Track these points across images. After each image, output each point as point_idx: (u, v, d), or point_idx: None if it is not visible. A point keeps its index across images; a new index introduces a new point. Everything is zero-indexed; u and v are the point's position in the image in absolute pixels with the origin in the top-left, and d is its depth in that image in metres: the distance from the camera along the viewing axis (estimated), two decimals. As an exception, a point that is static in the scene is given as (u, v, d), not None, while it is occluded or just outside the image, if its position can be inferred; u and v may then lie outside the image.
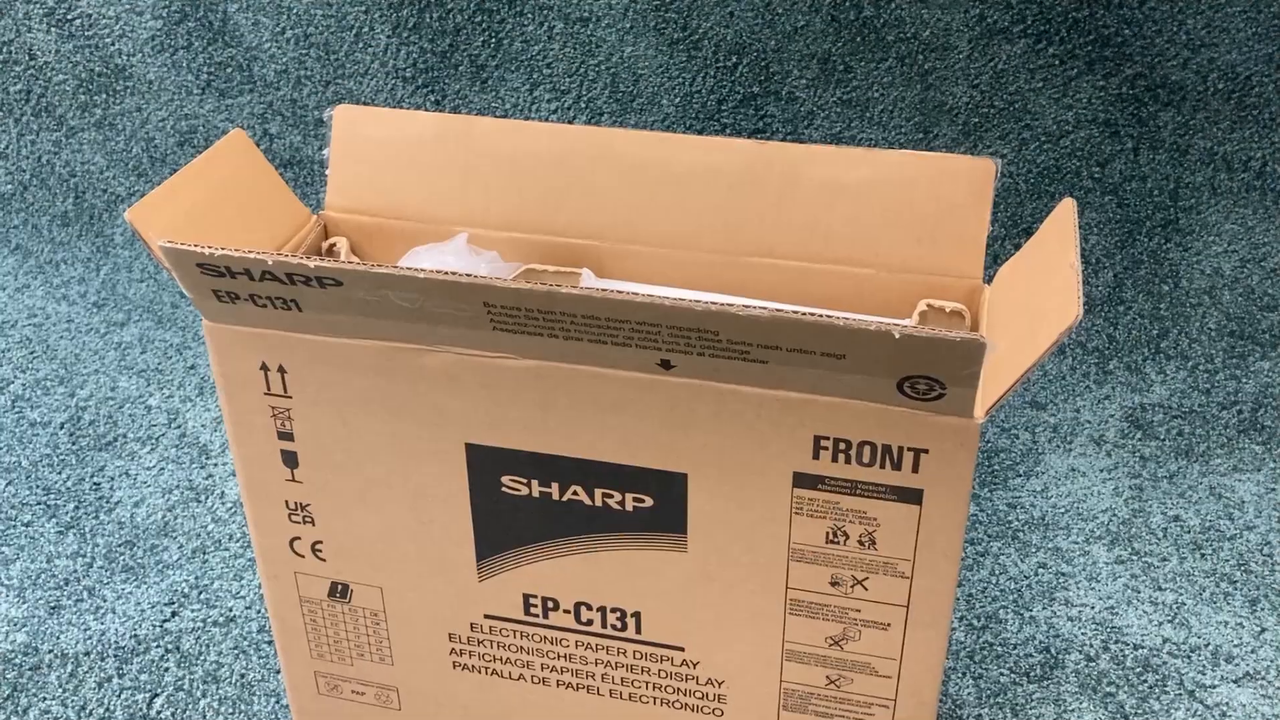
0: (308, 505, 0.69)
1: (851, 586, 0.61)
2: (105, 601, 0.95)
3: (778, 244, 0.67)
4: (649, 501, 0.62)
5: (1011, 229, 1.19)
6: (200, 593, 0.95)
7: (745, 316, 0.51)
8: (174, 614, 0.94)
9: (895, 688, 0.65)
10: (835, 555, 0.60)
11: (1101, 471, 1.03)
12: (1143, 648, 0.86)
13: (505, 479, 0.64)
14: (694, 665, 0.67)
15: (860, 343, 0.51)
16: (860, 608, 0.62)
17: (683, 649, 0.67)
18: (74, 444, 1.10)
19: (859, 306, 0.66)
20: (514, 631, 0.70)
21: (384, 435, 0.64)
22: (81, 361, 1.21)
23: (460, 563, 0.68)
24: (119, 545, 1.00)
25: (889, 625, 0.62)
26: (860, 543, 0.60)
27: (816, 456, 0.58)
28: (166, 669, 0.89)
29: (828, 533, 0.60)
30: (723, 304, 0.52)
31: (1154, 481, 1.01)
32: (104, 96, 1.36)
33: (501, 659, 0.71)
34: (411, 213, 0.73)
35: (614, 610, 0.67)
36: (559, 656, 0.70)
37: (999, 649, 0.86)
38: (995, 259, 0.64)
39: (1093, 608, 0.89)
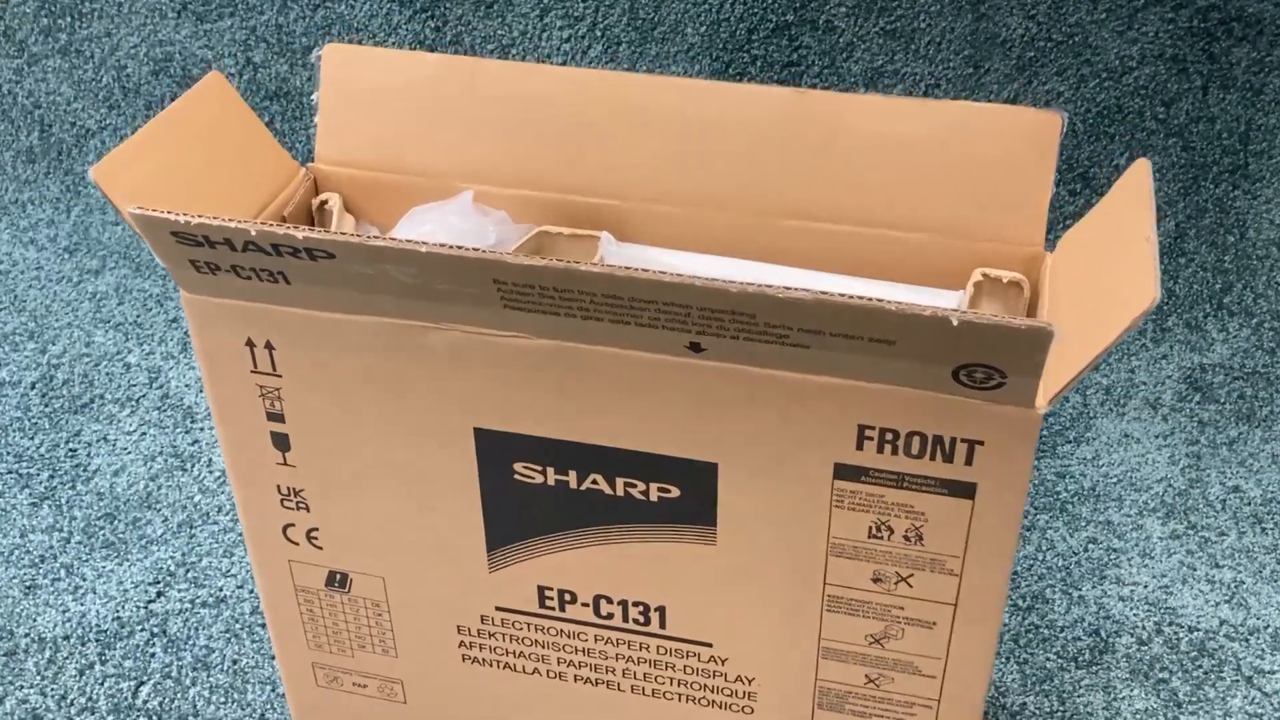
0: (301, 490, 0.67)
1: (895, 583, 0.60)
2: (85, 581, 0.94)
3: (818, 205, 0.64)
4: (675, 492, 0.60)
5: (1066, 174, 1.16)
6: (187, 571, 0.94)
7: (786, 299, 0.49)
8: (159, 594, 0.93)
9: (939, 687, 0.63)
10: (878, 551, 0.59)
11: (1157, 438, 1.01)
12: (1198, 630, 0.85)
13: (518, 466, 0.62)
14: (722, 662, 0.66)
15: (913, 329, 0.49)
16: (904, 605, 0.60)
17: (710, 645, 0.66)
18: (46, 406, 1.08)
19: (907, 275, 0.64)
20: (528, 624, 0.68)
21: (384, 418, 0.62)
22: (52, 314, 1.19)
23: (469, 553, 0.66)
24: (98, 518, 0.99)
25: (935, 624, 0.61)
26: (906, 538, 0.58)
27: (860, 447, 0.56)
28: (153, 654, 0.88)
29: (870, 527, 0.58)
30: (760, 285, 0.49)
31: (1213, 449, 0.99)
32: (69, 20, 1.33)
33: (515, 652, 0.70)
34: (411, 166, 0.70)
35: (636, 604, 0.65)
36: (577, 651, 0.69)
37: (1045, 632, 0.84)
38: (1050, 210, 0.61)
39: (1145, 586, 0.88)
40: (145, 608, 0.92)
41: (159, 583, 0.94)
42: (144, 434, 1.05)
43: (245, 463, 0.67)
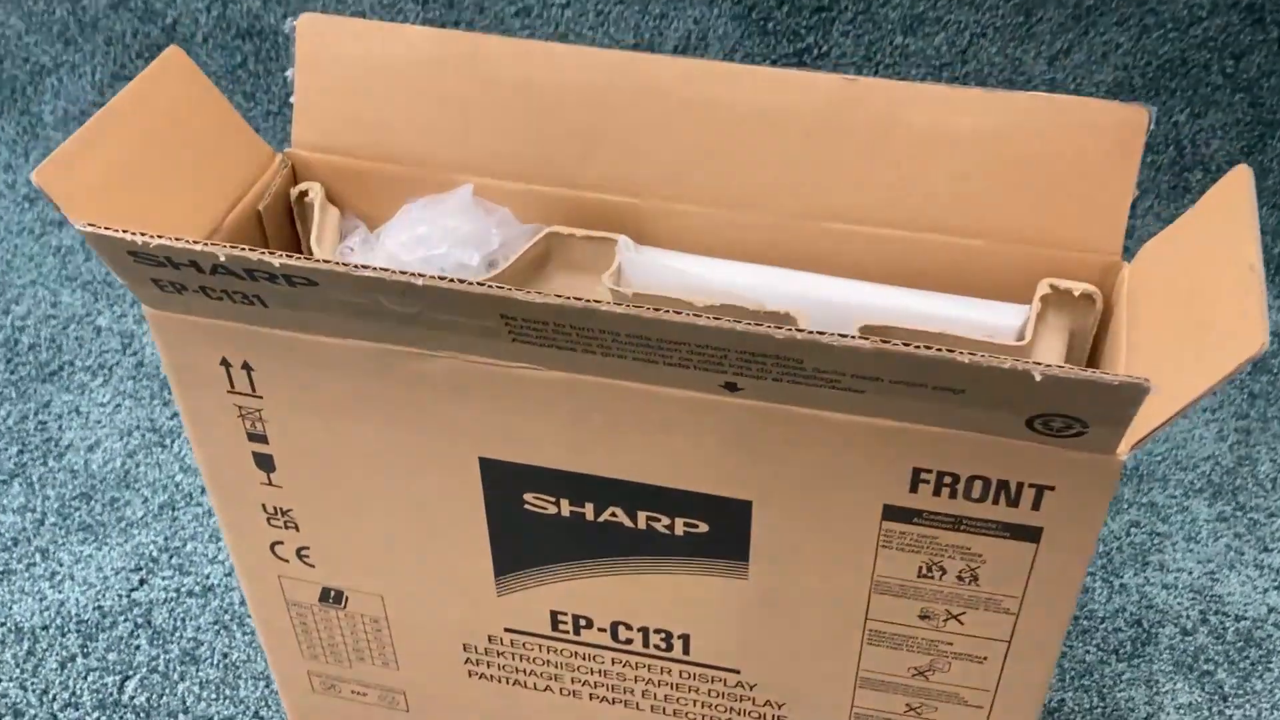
0: (289, 510, 0.61)
1: (944, 620, 0.54)
2: (62, 566, 0.88)
3: (866, 207, 0.57)
4: (703, 527, 0.54)
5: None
6: (171, 556, 0.88)
7: (841, 348, 0.42)
8: (142, 581, 0.87)
9: (986, 717, 0.58)
10: (928, 590, 0.53)
11: (1204, 412, 0.95)
12: (1245, 619, 0.80)
13: (528, 497, 0.56)
14: (750, 687, 0.61)
15: (987, 379, 0.42)
16: (953, 641, 0.55)
17: (738, 671, 0.60)
18: (12, 374, 1.01)
19: (965, 285, 0.57)
20: (540, 646, 0.63)
21: (378, 443, 0.56)
22: (14, 270, 1.10)
23: (474, 577, 0.60)
24: (73, 498, 0.92)
25: (985, 658, 0.55)
26: (960, 579, 0.52)
27: (914, 489, 0.49)
28: (138, 646, 0.83)
29: (920, 567, 0.52)
30: (810, 333, 0.42)
31: (1263, 424, 0.93)
32: (19, -58, 1.22)
33: (525, 670, 0.65)
34: (402, 155, 0.62)
35: (659, 631, 0.60)
36: (593, 672, 0.63)
37: (1085, 623, 0.80)
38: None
39: (1190, 573, 0.83)
40: (128, 596, 0.86)
41: (141, 569, 0.88)
42: (119, 406, 0.98)
43: (225, 481, 0.60)
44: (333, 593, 0.65)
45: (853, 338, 0.42)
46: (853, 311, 0.56)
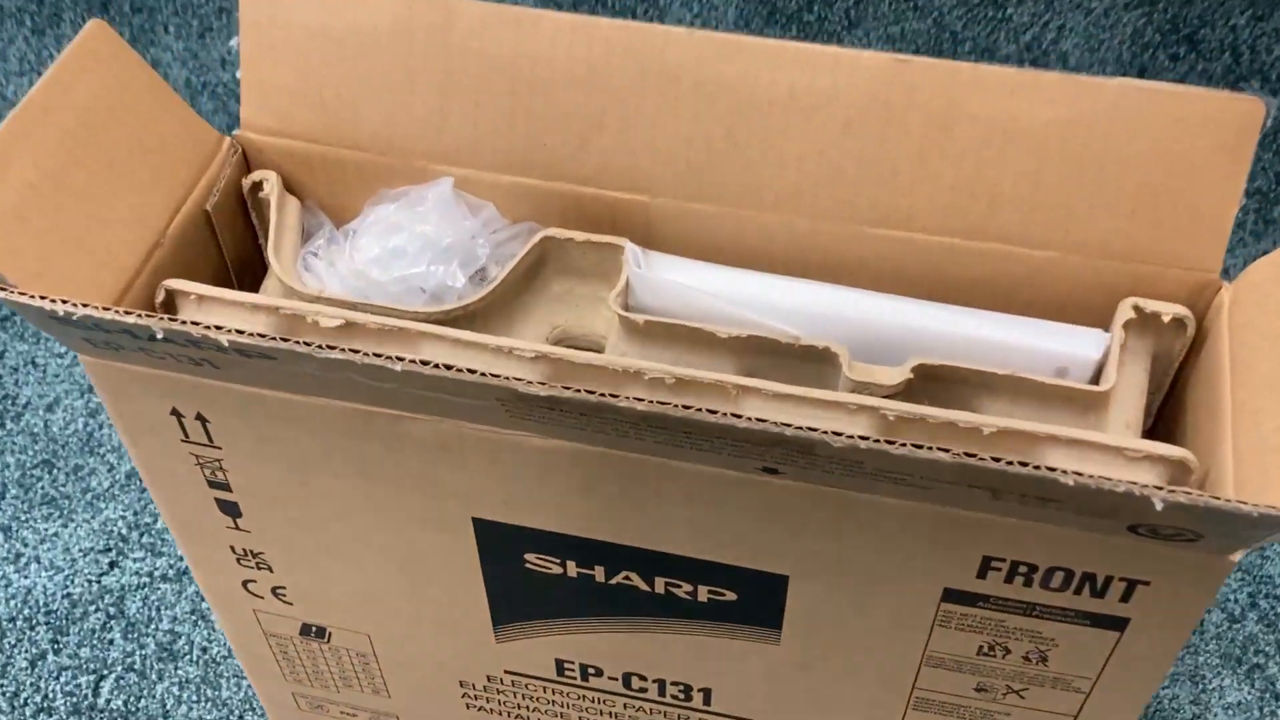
0: (260, 553, 0.53)
1: (1003, 694, 0.47)
2: (26, 547, 0.81)
3: (918, 211, 0.48)
4: (731, 596, 0.47)
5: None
6: (141, 535, 0.81)
7: (916, 459, 0.34)
8: (112, 564, 0.80)
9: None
10: (987, 666, 0.46)
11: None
12: (1300, 606, 0.74)
13: (530, 557, 0.48)
14: (777, 734, 0.55)
15: (1093, 498, 0.34)
16: (1010, 713, 0.48)
17: (763, 721, 0.54)
18: (-37, 329, 0.92)
19: (1033, 303, 0.48)
20: (544, 688, 0.56)
21: (356, 497, 0.48)
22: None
23: (471, 625, 0.53)
24: (35, 466, 0.85)
25: (1045, 725, 0.49)
26: (1026, 659, 0.45)
27: (982, 576, 0.42)
28: (111, 641, 0.77)
29: (981, 646, 0.45)
30: (878, 443, 0.34)
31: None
32: None
33: (528, 708, 0.58)
34: (369, 141, 0.53)
35: (676, 684, 0.53)
36: (603, 714, 0.57)
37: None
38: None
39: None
40: (98, 581, 0.80)
41: (110, 549, 0.81)
42: (77, 357, 0.89)
43: (187, 523, 0.53)
44: (314, 628, 0.58)
45: (929, 449, 0.34)
46: (902, 339, 0.48)
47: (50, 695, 0.75)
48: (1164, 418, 0.51)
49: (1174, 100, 0.46)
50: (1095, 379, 0.48)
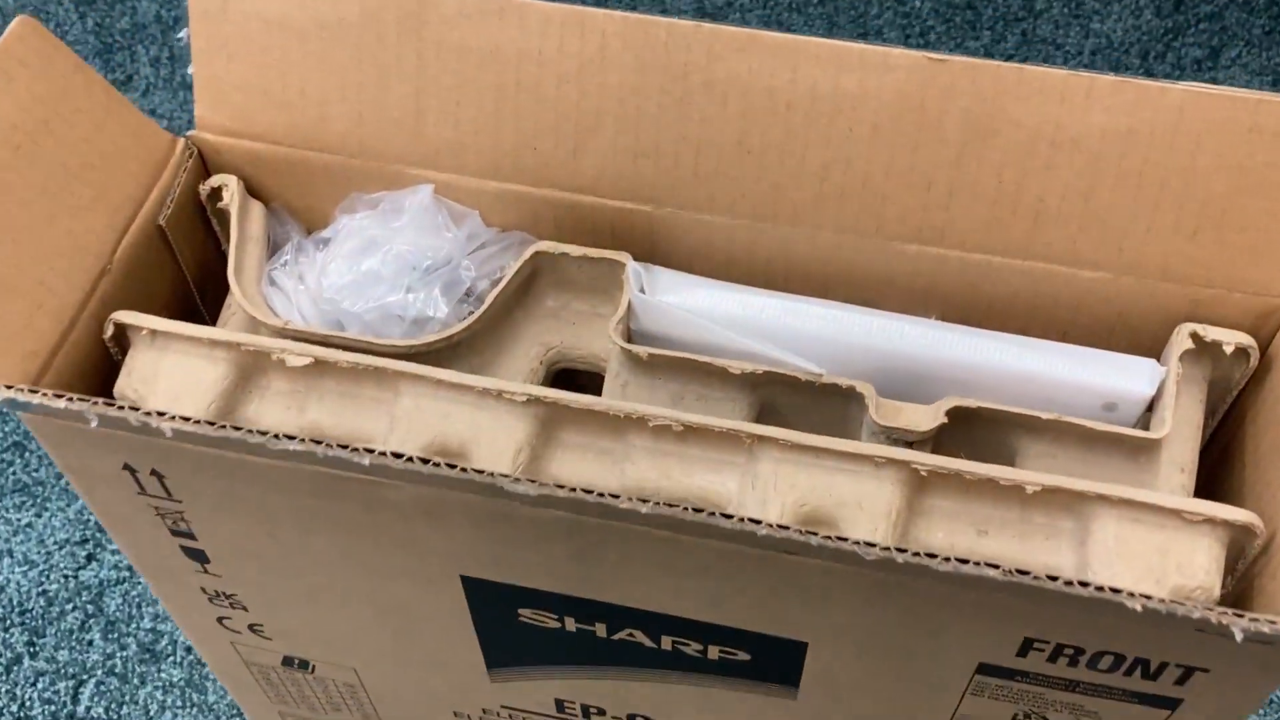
0: (233, 594, 0.50)
1: (1040, 756, 0.44)
2: (-1, 541, 0.78)
3: (954, 225, 0.44)
4: (744, 656, 0.43)
5: None
6: (119, 529, 0.78)
7: (963, 575, 0.30)
8: (89, 557, 0.77)
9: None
10: (1024, 732, 0.43)
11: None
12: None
13: (524, 612, 0.45)
14: (792, 774, 0.52)
15: (1163, 620, 0.31)
16: (1046, 771, 0.45)
17: (778, 762, 0.51)
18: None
19: (1075, 324, 0.44)
20: (544, 719, 0.53)
21: (333, 552, 0.44)
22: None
23: (462, 666, 0.50)
24: (5, 450, 0.81)
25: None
26: (1067, 729, 0.42)
27: (1023, 655, 0.38)
28: (90, 641, 0.74)
29: (1017, 715, 0.42)
30: (917, 555, 0.30)
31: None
32: None
33: (526, 739, 0.55)
34: (338, 143, 0.48)
35: (684, 729, 0.50)
36: (605, 750, 0.54)
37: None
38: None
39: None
40: (74, 577, 0.77)
41: (87, 540, 0.78)
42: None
43: (152, 566, 0.49)
44: (297, 660, 0.55)
45: (976, 565, 0.30)
46: (934, 370, 0.44)
47: (27, 703, 0.72)
48: (1217, 442, 0.47)
49: (1241, 107, 0.41)
50: (1147, 412, 0.44)
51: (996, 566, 0.30)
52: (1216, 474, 0.46)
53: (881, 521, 0.39)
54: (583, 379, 0.49)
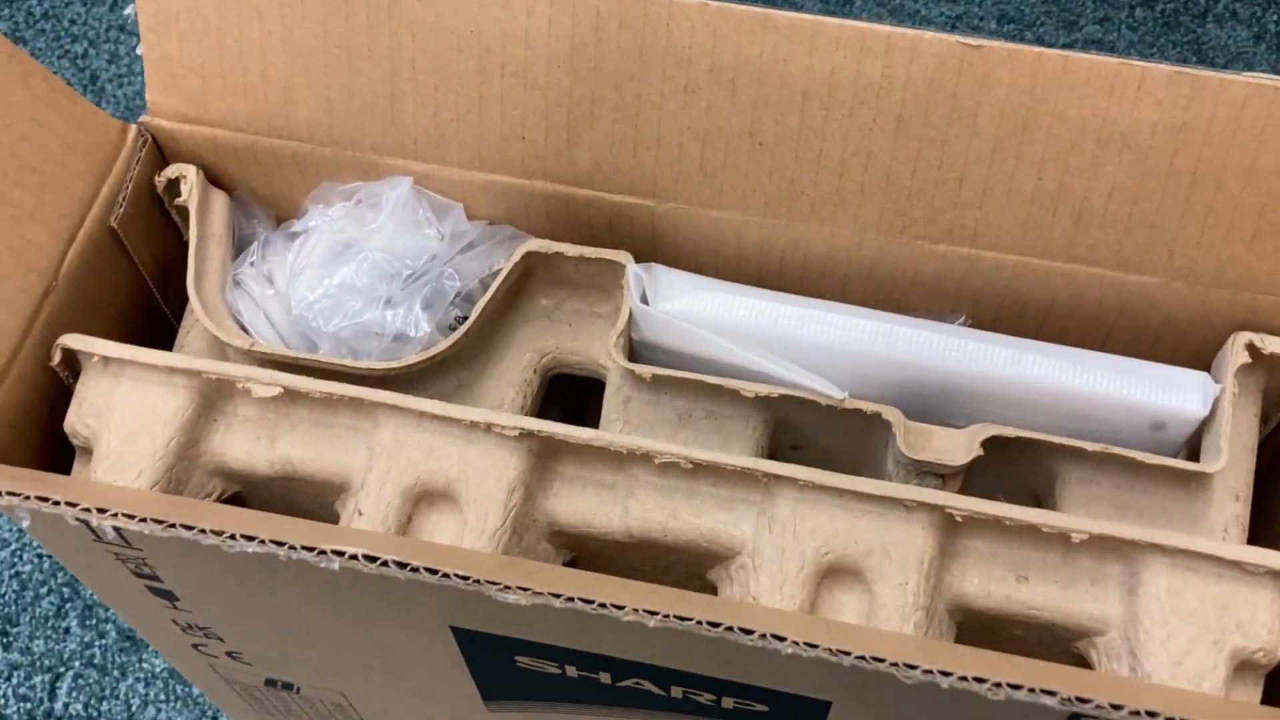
0: (207, 627, 0.47)
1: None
2: (-34, 524, 0.75)
3: (987, 225, 0.40)
4: (761, 708, 0.41)
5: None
6: (92, 509, 0.75)
7: (1017, 703, 0.27)
8: (62, 542, 0.74)
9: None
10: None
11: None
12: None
13: (522, 659, 0.42)
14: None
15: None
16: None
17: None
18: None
19: (1118, 330, 0.41)
20: (543, 742, 0.51)
21: (313, 602, 0.41)
22: None
23: (457, 697, 0.47)
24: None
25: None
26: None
27: (1069, 720, 0.35)
28: (67, 629, 0.71)
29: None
30: (958, 679, 0.27)
31: None
32: None
33: (526, 754, 0.53)
34: (305, 130, 0.44)
35: (694, 756, 0.47)
36: (610, 768, 0.51)
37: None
38: None
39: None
40: (49, 557, 0.74)
41: (61, 524, 0.74)
42: None
43: (118, 601, 0.46)
44: (281, 683, 0.52)
45: (1030, 691, 0.26)
46: (965, 385, 0.40)
47: (1, 700, 0.70)
48: (1267, 449, 0.43)
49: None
50: (1197, 433, 0.40)
51: (1053, 694, 0.27)
52: (1263, 484, 0.43)
53: (913, 574, 0.36)
54: (581, 382, 0.46)
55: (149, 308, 0.47)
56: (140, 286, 0.46)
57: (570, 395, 0.49)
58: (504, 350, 0.44)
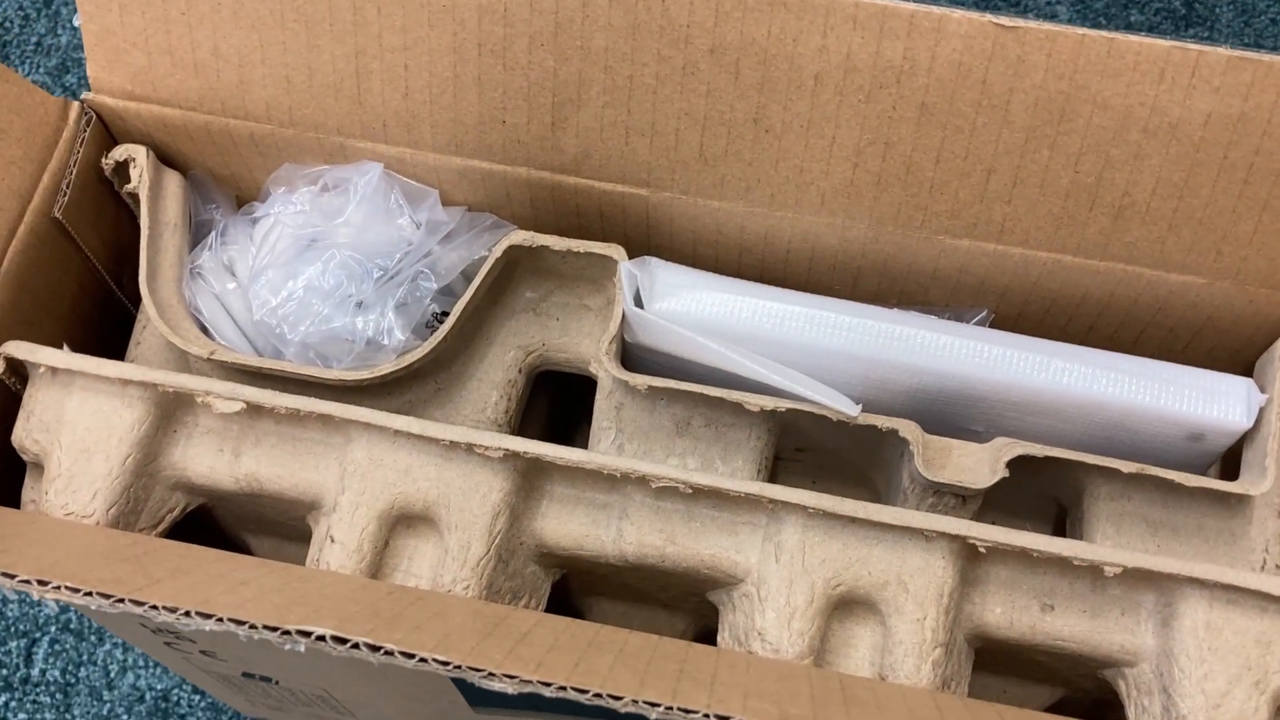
0: (177, 632, 0.45)
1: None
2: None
3: (1017, 219, 0.37)
4: (766, 736, 0.38)
5: None
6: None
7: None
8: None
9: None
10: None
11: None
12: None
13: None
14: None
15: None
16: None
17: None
18: None
19: (1153, 329, 0.38)
20: (535, 738, 0.49)
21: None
22: None
23: (444, 703, 0.46)
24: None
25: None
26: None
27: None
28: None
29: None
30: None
31: None
32: None
33: (518, 746, 0.51)
34: (263, 110, 0.40)
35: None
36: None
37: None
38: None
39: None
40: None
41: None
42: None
43: (85, 606, 0.44)
44: (259, 675, 0.50)
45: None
46: (988, 393, 0.37)
47: (-21, 662, 0.68)
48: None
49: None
50: (1239, 446, 0.38)
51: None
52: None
53: (932, 608, 0.34)
54: (569, 376, 0.43)
55: (103, 298, 0.44)
56: (92, 276, 0.43)
57: (558, 390, 0.46)
58: (485, 348, 0.41)
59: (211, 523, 0.42)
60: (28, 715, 0.66)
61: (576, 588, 0.41)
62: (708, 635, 0.40)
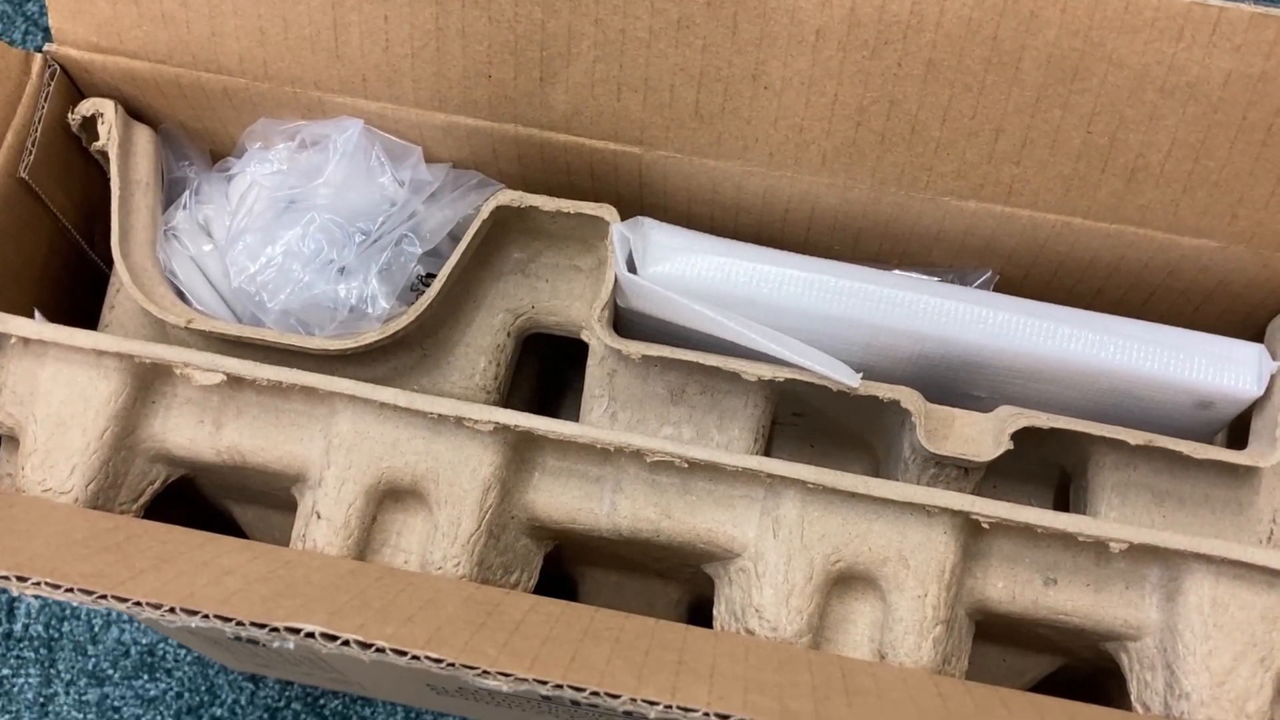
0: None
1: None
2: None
3: (1026, 181, 0.36)
4: None
5: None
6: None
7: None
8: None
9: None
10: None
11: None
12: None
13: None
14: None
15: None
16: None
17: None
18: None
19: (1163, 292, 0.37)
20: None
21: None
22: None
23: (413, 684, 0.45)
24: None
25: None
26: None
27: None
28: (21, 548, 0.69)
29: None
30: None
31: None
32: None
33: (509, 705, 0.52)
34: (236, 64, 0.39)
35: None
36: (598, 723, 0.50)
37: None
38: None
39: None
40: (-3, 472, 0.71)
41: None
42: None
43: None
44: (245, 638, 0.50)
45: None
46: (992, 360, 0.37)
47: (-40, 616, 0.68)
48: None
49: None
50: (1247, 412, 0.37)
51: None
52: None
53: (933, 584, 0.34)
54: (559, 339, 0.42)
55: (75, 261, 0.43)
56: (63, 237, 0.42)
57: (548, 353, 0.45)
58: (473, 311, 0.40)
59: (194, 493, 0.41)
60: (11, 670, 0.66)
61: (569, 558, 0.40)
62: (703, 604, 0.39)
